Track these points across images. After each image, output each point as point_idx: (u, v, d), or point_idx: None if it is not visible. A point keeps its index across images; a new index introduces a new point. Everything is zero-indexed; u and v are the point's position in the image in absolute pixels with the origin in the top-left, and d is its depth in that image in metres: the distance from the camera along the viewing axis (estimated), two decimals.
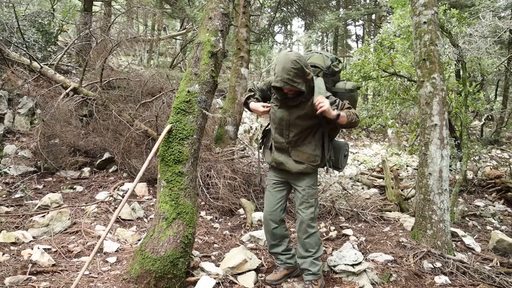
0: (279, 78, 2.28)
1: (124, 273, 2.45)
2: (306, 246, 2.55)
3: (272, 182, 2.71)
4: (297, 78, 2.28)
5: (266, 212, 2.68)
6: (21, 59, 6.28)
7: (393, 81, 7.04)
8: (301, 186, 2.58)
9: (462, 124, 5.61)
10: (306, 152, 2.53)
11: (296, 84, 2.29)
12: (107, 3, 10.63)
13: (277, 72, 2.30)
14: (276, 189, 2.69)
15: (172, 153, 2.52)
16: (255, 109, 2.59)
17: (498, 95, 15.30)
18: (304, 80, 2.34)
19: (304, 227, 2.54)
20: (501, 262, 3.33)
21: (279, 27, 15.26)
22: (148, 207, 4.16)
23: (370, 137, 14.53)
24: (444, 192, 3.39)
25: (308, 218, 2.53)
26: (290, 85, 2.28)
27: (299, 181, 2.59)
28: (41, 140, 4.73)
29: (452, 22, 5.92)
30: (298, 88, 2.31)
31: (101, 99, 5.38)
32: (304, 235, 2.55)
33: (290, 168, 2.55)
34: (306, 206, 2.55)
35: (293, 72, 2.25)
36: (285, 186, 2.70)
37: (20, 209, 3.69)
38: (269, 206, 2.68)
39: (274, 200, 2.67)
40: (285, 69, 2.26)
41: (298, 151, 2.53)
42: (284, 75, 2.26)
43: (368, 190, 6.47)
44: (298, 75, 2.28)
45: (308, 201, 2.56)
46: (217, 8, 2.84)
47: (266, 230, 2.71)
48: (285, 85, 2.29)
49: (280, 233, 2.68)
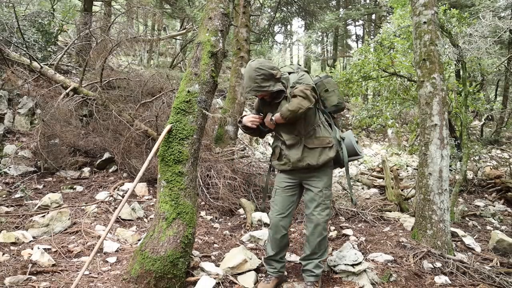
0: (249, 89, 2.43)
1: (124, 273, 2.45)
2: (316, 249, 2.53)
3: (284, 185, 2.60)
4: (265, 82, 2.41)
5: (277, 217, 2.57)
6: (21, 59, 6.28)
7: (393, 81, 7.04)
8: (317, 188, 2.52)
9: (462, 124, 5.61)
10: (319, 137, 2.51)
11: (266, 87, 2.41)
12: (107, 3, 10.63)
13: (245, 84, 2.48)
14: (288, 193, 2.59)
15: (172, 153, 2.52)
16: (248, 125, 2.61)
17: (498, 95, 15.30)
18: (274, 80, 2.45)
19: (320, 230, 2.50)
20: (501, 262, 3.33)
21: (279, 27, 15.28)
22: (148, 207, 4.16)
23: (370, 137, 14.53)
24: (444, 192, 3.38)
25: (324, 221, 2.50)
26: (261, 91, 2.41)
27: (315, 182, 2.53)
28: (41, 140, 4.73)
29: (452, 22, 5.92)
30: (270, 90, 2.42)
31: (101, 99, 5.38)
32: (318, 238, 2.51)
33: (310, 162, 2.47)
34: (322, 208, 2.50)
35: (259, 78, 2.40)
36: (297, 190, 2.63)
37: (20, 209, 3.69)
38: (280, 211, 2.57)
39: (286, 204, 2.58)
40: (251, 78, 2.41)
41: (312, 138, 2.50)
42: (252, 84, 2.41)
43: (368, 190, 6.47)
44: (265, 79, 2.41)
45: (325, 203, 2.51)
46: (217, 8, 2.84)
47: (274, 237, 2.58)
48: (257, 92, 2.41)
49: (285, 241, 2.61)
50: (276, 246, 2.59)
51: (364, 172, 8.09)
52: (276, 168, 2.67)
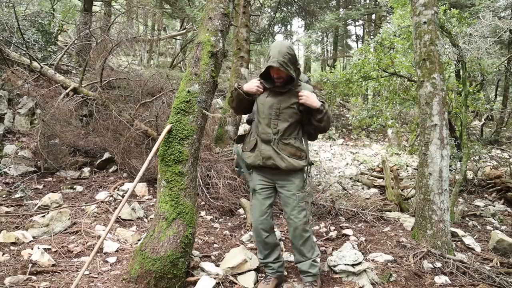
0: (275, 59, 2.32)
1: (124, 273, 2.45)
2: (303, 251, 2.52)
3: (259, 187, 2.57)
4: (290, 64, 2.37)
5: (256, 221, 2.55)
6: (21, 59, 6.28)
7: (393, 81, 7.04)
8: (290, 191, 2.50)
9: (462, 124, 5.61)
10: (294, 146, 2.48)
11: (289, 68, 2.36)
12: (107, 3, 10.63)
13: (272, 55, 2.34)
14: (263, 195, 2.57)
15: (172, 153, 2.52)
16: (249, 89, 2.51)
17: (498, 95, 15.29)
18: (295, 68, 2.42)
19: (299, 233, 2.49)
20: (501, 262, 3.33)
21: (279, 27, 15.27)
22: (148, 207, 4.16)
23: (370, 137, 14.53)
24: (444, 192, 3.38)
25: (302, 223, 2.48)
26: (285, 67, 2.34)
27: (287, 185, 2.51)
28: (41, 140, 4.73)
29: (452, 22, 5.92)
30: (290, 73, 2.37)
31: (101, 99, 5.38)
32: (300, 241, 2.50)
33: (279, 164, 2.44)
34: (298, 210, 2.49)
35: (288, 56, 2.35)
36: (272, 191, 2.60)
37: (20, 209, 3.69)
38: (258, 214, 2.55)
39: (263, 207, 2.56)
40: (281, 52, 2.33)
41: (285, 145, 2.46)
42: (280, 57, 2.32)
43: (368, 190, 6.46)
44: (291, 61, 2.37)
45: (299, 205, 2.49)
46: (217, 8, 2.84)
47: (258, 240, 2.58)
48: (281, 66, 2.33)
49: (272, 242, 2.59)
50: (263, 249, 2.59)
51: (364, 172, 8.08)
52: (246, 161, 2.58)
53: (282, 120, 2.46)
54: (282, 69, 2.34)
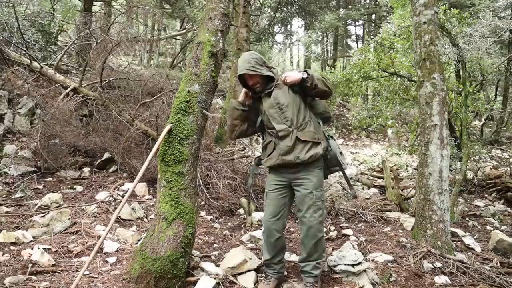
0: (242, 67, 2.50)
1: (124, 273, 2.45)
2: (312, 251, 2.49)
3: (274, 187, 2.57)
4: (258, 65, 2.51)
5: (269, 221, 2.53)
6: (21, 59, 6.28)
7: (393, 81, 7.04)
8: (307, 189, 2.47)
9: (462, 124, 5.61)
10: (310, 131, 2.51)
11: (259, 70, 2.50)
12: (107, 3, 10.63)
13: (239, 65, 2.53)
14: (278, 195, 2.55)
15: (172, 153, 2.52)
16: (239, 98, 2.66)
17: (498, 95, 15.28)
18: (266, 67, 2.56)
19: (313, 232, 2.46)
20: (501, 262, 3.33)
21: (279, 27, 15.27)
22: (148, 207, 4.16)
23: (370, 137, 14.52)
24: (444, 192, 3.38)
25: (317, 223, 2.45)
26: (253, 70, 2.48)
27: (305, 183, 2.48)
28: (41, 140, 4.73)
29: (452, 22, 5.91)
30: (262, 73, 2.50)
31: (101, 99, 5.38)
32: (312, 241, 2.47)
33: (300, 155, 2.43)
34: (314, 209, 2.45)
35: (253, 60, 2.51)
36: (288, 191, 2.58)
37: (20, 209, 3.69)
38: (272, 214, 2.53)
39: (278, 207, 2.54)
40: (246, 60, 2.51)
41: (303, 131, 2.49)
42: (246, 64, 2.49)
43: (368, 190, 6.46)
44: (258, 63, 2.51)
45: (316, 204, 2.45)
46: (217, 8, 2.84)
47: (268, 241, 2.54)
48: (249, 71, 2.47)
49: (281, 244, 2.57)
50: (272, 250, 2.57)
51: (364, 172, 8.09)
52: (265, 165, 2.63)
53: (288, 110, 2.51)
54: (252, 73, 2.48)
